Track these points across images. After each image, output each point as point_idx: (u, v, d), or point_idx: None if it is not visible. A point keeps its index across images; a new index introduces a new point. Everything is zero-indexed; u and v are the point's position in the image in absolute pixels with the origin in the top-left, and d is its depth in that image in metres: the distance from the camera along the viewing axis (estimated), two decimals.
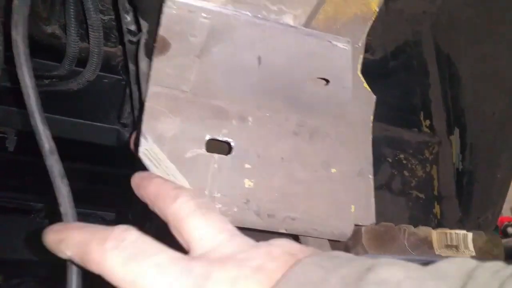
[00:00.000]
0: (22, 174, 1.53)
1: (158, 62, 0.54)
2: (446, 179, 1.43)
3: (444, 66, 1.49)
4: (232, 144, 0.62)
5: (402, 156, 1.41)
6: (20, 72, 0.54)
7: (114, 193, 1.65)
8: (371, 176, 0.67)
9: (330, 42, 0.50)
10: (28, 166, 1.50)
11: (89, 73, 1.07)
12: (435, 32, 1.52)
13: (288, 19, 0.48)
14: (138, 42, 0.60)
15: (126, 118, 1.16)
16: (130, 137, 0.91)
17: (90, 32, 0.99)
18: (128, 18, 0.68)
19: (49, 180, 0.53)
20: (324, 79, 0.58)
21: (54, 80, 1.13)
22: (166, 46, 0.50)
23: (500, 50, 1.25)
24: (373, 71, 1.48)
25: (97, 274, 0.39)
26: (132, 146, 0.88)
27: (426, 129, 1.46)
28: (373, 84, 1.08)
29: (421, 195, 1.40)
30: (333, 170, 0.66)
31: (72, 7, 1.01)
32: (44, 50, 1.11)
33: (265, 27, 0.48)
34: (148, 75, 0.59)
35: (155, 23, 0.53)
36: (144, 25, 0.56)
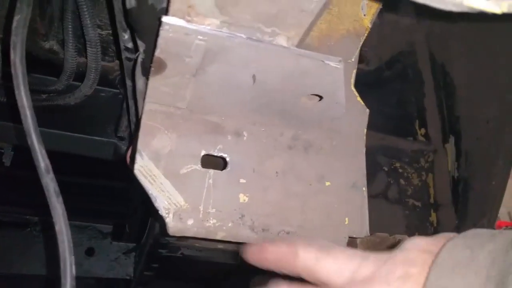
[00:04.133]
0: (18, 188, 1.53)
1: (154, 81, 0.55)
2: (442, 187, 1.44)
3: (439, 75, 1.50)
4: (227, 159, 0.63)
5: (398, 164, 1.42)
6: (18, 92, 0.55)
7: (111, 205, 1.65)
8: (364, 188, 0.68)
9: (323, 61, 0.51)
10: (24, 181, 1.50)
11: (87, 88, 1.08)
12: (430, 42, 1.53)
13: (282, 41, 0.50)
14: (135, 61, 0.61)
15: (123, 132, 1.17)
16: (126, 151, 0.92)
17: (88, 48, 1.00)
18: (126, 36, 0.69)
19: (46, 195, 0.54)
20: (317, 95, 0.59)
21: (51, 94, 1.14)
22: (162, 66, 0.52)
23: (494, 59, 1.27)
24: (368, 81, 1.50)
25: None
26: (128, 161, 0.89)
27: (421, 138, 1.48)
28: (369, 94, 1.09)
29: (418, 203, 1.41)
30: (328, 183, 0.67)
31: (70, 23, 1.02)
32: (42, 65, 1.12)
33: (259, 48, 0.49)
34: (144, 93, 0.60)
35: (152, 44, 0.54)
36: (141, 45, 0.57)
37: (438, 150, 1.46)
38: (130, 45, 0.72)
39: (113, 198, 1.63)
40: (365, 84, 1.45)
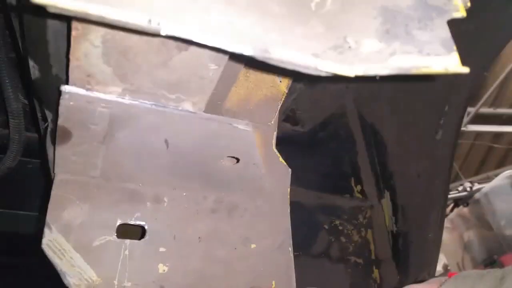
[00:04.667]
0: None
1: (62, 150, 0.54)
2: (381, 242, 1.46)
3: (369, 134, 1.57)
4: (146, 227, 0.61)
5: (337, 222, 1.43)
6: None
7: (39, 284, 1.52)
8: (290, 249, 0.68)
9: (231, 124, 0.53)
10: None
11: (10, 160, 1.03)
12: (358, 104, 1.62)
13: (188, 106, 0.51)
14: (44, 131, 0.60)
15: None
16: None
17: (10, 119, 0.97)
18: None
19: None
20: (233, 157, 0.60)
21: None
22: (67, 135, 0.51)
23: (419, 117, 1.35)
24: (303, 142, 1.54)
25: None
26: None
27: (358, 194, 1.51)
28: (305, 154, 1.10)
29: (360, 260, 1.41)
30: (253, 246, 0.66)
31: None
32: None
33: (165, 114, 0.50)
34: (53, 163, 0.58)
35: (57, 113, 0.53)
36: (49, 115, 0.56)
37: (374, 206, 1.50)
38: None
39: (42, 277, 1.50)
40: (301, 144, 1.50)
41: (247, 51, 0.29)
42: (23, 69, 0.90)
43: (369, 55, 0.32)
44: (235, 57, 0.48)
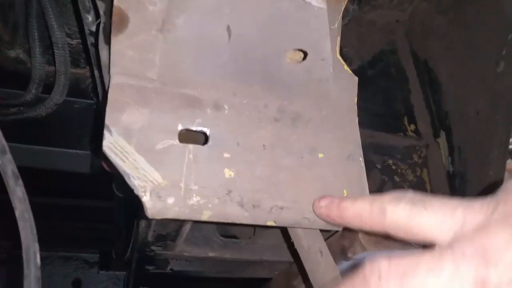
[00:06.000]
0: None
1: (118, 43, 0.50)
2: (438, 182, 1.39)
3: (422, 71, 1.49)
4: (208, 133, 0.57)
5: (390, 161, 1.37)
6: None
7: (95, 231, 1.55)
8: (361, 159, 0.62)
9: (304, 0, 0.46)
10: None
11: (57, 95, 1.01)
12: (410, 40, 1.53)
13: None
14: (97, 31, 0.56)
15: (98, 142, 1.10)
16: (101, 157, 0.85)
17: (55, 51, 0.95)
18: (90, 18, 0.64)
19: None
20: (301, 50, 0.54)
21: (21, 108, 1.07)
22: (124, 20, 0.46)
23: (475, 51, 1.25)
24: None
25: None
26: (104, 164, 0.82)
27: (411, 134, 1.44)
28: None
29: None
30: (321, 155, 0.61)
31: (35, 28, 0.97)
32: (9, 76, 1.06)
33: None
34: (109, 63, 0.54)
35: (111, 2, 0.48)
36: (101, 6, 0.52)
37: (430, 145, 1.42)
38: (94, 28, 0.67)
39: (96, 221, 1.53)
40: None
41: None
42: None
43: None
44: None
